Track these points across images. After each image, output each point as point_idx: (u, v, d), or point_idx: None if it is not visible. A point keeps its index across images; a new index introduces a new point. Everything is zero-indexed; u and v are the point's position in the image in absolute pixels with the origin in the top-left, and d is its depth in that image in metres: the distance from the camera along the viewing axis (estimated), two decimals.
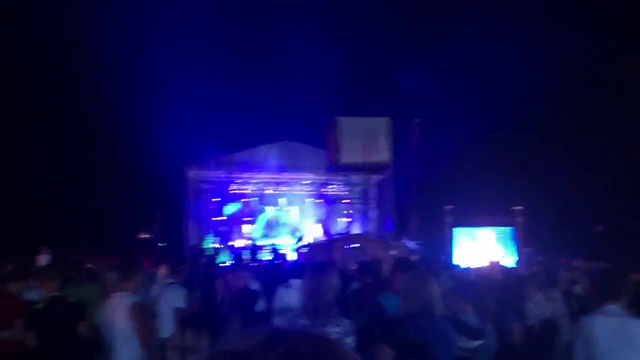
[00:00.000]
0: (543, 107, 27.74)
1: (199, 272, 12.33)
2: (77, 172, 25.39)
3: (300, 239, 26.11)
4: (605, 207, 24.98)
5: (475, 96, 27.11)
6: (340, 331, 4.16)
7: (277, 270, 12.14)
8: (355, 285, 8.66)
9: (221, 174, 25.47)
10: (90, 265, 11.13)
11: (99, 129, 25.64)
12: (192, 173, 25.16)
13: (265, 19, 31.55)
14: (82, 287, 8.96)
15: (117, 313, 5.95)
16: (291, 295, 6.89)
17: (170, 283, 7.82)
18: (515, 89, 27.81)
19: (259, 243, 25.09)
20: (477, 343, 5.18)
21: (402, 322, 4.08)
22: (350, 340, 4.19)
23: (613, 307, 4.46)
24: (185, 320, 4.69)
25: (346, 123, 21.83)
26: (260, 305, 8.13)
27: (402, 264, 6.35)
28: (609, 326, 4.37)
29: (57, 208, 23.60)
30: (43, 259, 14.12)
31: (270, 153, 25.09)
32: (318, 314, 4.21)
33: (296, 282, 6.91)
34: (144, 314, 6.02)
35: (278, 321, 6.98)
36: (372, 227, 25.69)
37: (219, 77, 29.21)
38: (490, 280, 9.31)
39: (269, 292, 8.32)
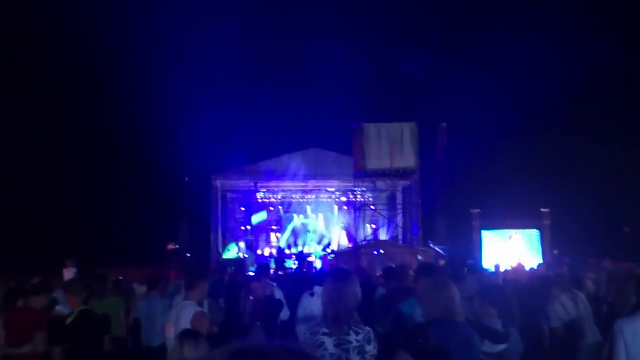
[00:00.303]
0: (569, 109, 27.45)
1: (224, 282, 12.39)
2: (104, 184, 25.62)
3: (327, 246, 26.13)
4: (632, 207, 24.69)
5: (501, 99, 26.92)
6: (360, 339, 4.14)
7: (303, 278, 12.13)
8: (381, 291, 8.63)
9: (247, 183, 25.56)
10: (116, 277, 11.17)
11: (125, 140, 25.84)
12: (219, 182, 25.29)
13: (290, 28, 31.60)
14: (106, 299, 9.00)
15: (181, 321, 5.97)
16: (315, 303, 6.84)
17: None
18: (541, 92, 27.58)
19: (286, 251, 25.16)
20: (500, 347, 5.11)
21: (423, 329, 4.05)
22: (371, 348, 4.16)
23: None
24: (183, 332, 4.68)
25: (372, 129, 21.78)
26: (285, 314, 8.10)
27: (426, 269, 6.30)
28: None
29: (84, 220, 23.82)
30: (69, 273, 14.13)
31: (296, 161, 25.12)
32: (338, 322, 4.18)
33: (320, 290, 6.87)
34: (206, 323, 6.01)
35: (301, 329, 6.93)
36: (399, 232, 25.60)
37: (244, 86, 29.28)
38: (516, 283, 9.26)
39: (294, 300, 8.30)
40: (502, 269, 14.26)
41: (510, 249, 22.30)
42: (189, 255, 23.13)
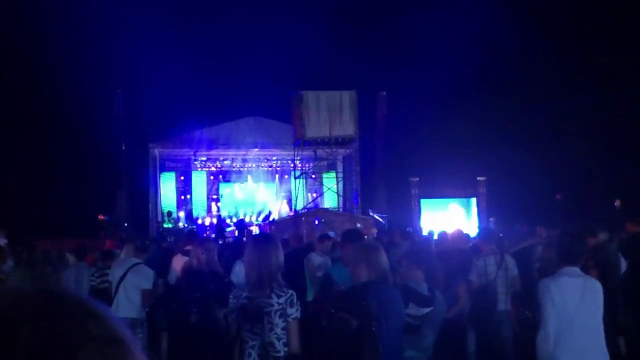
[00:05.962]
0: (505, 80, 27.93)
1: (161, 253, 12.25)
2: (37, 152, 25.00)
3: (268, 215, 26.05)
4: (563, 176, 25.41)
5: (441, 69, 27.16)
6: (282, 302, 4.13)
7: (240, 246, 12.11)
8: (313, 256, 8.72)
9: (187, 152, 25.25)
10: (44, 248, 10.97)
11: (60, 108, 25.19)
12: (157, 151, 24.85)
13: None
14: (36, 269, 8.76)
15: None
16: None
17: (137, 263, 7.60)
18: (480, 62, 27.92)
19: (227, 221, 25.01)
20: (425, 310, 5.17)
21: (363, 290, 4.05)
22: (293, 311, 4.15)
23: (574, 268, 4.58)
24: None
25: (311, 97, 21.69)
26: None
27: (350, 235, 6.28)
28: (575, 286, 4.49)
29: (17, 190, 23.21)
30: None
31: (236, 129, 24.91)
32: (261, 285, 4.16)
33: None
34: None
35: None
36: (339, 201, 25.69)
37: (185, 52, 28.79)
38: (450, 249, 9.38)
39: (230, 268, 8.30)
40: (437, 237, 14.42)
41: (447, 216, 22.69)
42: (126, 225, 22.80)
